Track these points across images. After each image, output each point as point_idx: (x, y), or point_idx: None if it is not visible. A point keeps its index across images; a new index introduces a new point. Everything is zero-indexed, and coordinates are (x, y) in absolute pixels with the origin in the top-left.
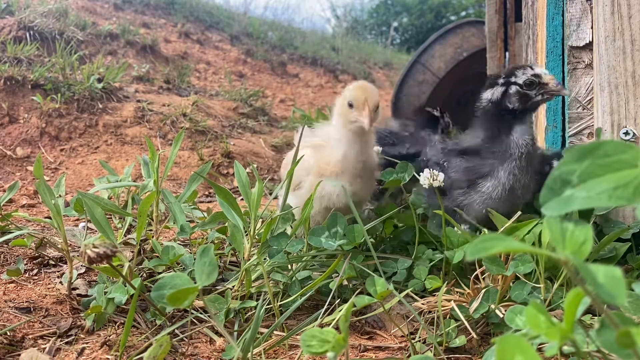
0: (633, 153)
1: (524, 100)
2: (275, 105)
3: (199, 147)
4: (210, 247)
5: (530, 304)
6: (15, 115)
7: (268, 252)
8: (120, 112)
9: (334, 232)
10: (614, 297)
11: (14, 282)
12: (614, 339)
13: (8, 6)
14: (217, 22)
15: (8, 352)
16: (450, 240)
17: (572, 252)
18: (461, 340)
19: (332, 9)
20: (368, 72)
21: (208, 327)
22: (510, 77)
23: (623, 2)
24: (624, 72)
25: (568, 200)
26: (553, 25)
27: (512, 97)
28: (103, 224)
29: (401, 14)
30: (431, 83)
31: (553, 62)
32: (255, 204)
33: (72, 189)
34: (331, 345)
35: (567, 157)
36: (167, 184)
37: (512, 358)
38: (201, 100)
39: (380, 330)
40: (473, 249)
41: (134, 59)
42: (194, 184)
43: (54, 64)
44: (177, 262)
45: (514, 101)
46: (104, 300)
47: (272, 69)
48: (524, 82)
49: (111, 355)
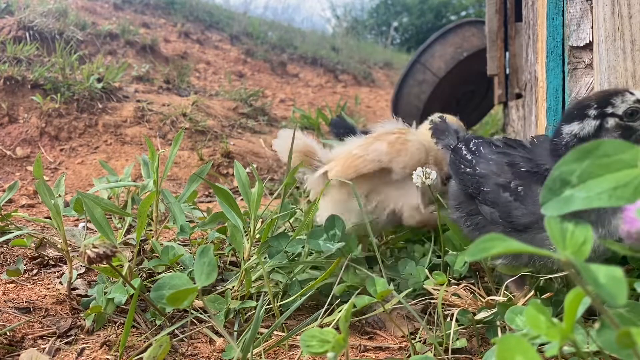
0: (633, 153)
1: (626, 134)
2: (275, 105)
3: (198, 147)
4: (210, 247)
5: (530, 304)
6: (15, 115)
7: (268, 252)
8: (120, 112)
9: (332, 234)
10: (615, 297)
11: (14, 282)
12: (614, 339)
13: (8, 6)
14: (217, 22)
15: (8, 352)
16: (453, 244)
17: (572, 252)
18: (462, 343)
19: (332, 8)
20: (368, 72)
21: (208, 327)
22: (605, 107)
23: (623, 2)
24: (624, 72)
25: (568, 200)
26: (553, 25)
27: (610, 133)
28: (103, 224)
29: (401, 14)
30: (431, 83)
31: (553, 62)
32: (255, 204)
33: (72, 189)
34: (331, 345)
35: (567, 157)
36: (167, 184)
37: (512, 358)
38: (201, 100)
39: (380, 330)
40: (474, 250)
41: (134, 59)
42: (193, 184)
43: (54, 64)
44: (177, 262)
45: (614, 137)
46: (103, 300)
47: (272, 68)
48: (625, 112)
49: (111, 355)
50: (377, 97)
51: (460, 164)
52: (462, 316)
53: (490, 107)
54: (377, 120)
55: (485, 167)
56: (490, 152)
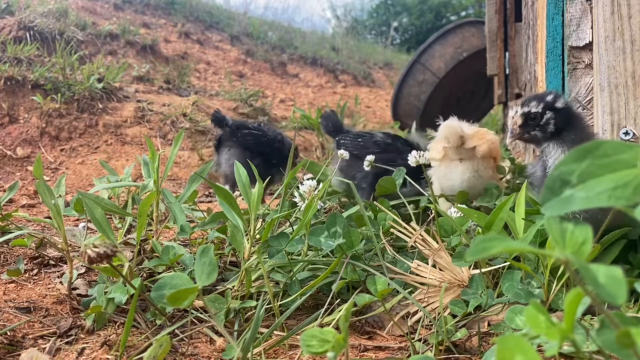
0: (632, 153)
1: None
2: (275, 105)
3: (199, 147)
4: (210, 247)
5: (530, 304)
6: (16, 115)
7: (268, 252)
8: (120, 112)
9: (333, 231)
10: (615, 297)
11: (14, 282)
12: (614, 339)
13: (8, 6)
14: (217, 22)
15: (8, 352)
16: (444, 229)
17: (572, 252)
18: (462, 333)
19: (332, 9)
20: (368, 72)
21: (208, 327)
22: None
23: (623, 3)
24: (624, 72)
25: (568, 201)
26: (553, 25)
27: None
28: (103, 224)
29: (401, 14)
30: (431, 83)
31: (553, 62)
32: (255, 204)
33: (72, 189)
34: (331, 345)
35: (567, 157)
36: (167, 184)
37: (512, 358)
38: (201, 100)
39: (380, 330)
40: (473, 250)
41: (134, 59)
42: (194, 184)
43: (54, 64)
44: (177, 262)
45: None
46: (104, 300)
47: (272, 69)
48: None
49: (111, 355)
50: (377, 97)
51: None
52: (454, 305)
53: (490, 107)
54: (377, 120)
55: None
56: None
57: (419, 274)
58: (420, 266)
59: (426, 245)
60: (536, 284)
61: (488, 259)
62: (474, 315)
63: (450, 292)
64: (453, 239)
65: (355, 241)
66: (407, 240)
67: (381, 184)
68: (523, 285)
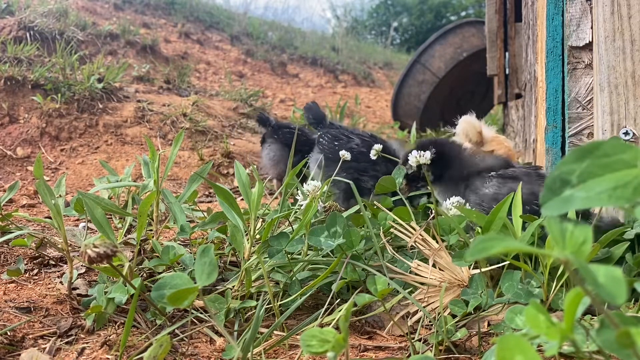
0: (632, 153)
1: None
2: (275, 105)
3: (199, 147)
4: (210, 247)
5: (530, 303)
6: (16, 115)
7: (268, 252)
8: (120, 112)
9: (333, 231)
10: (615, 297)
11: (14, 282)
12: (614, 339)
13: (8, 6)
14: (217, 22)
15: (8, 352)
16: (442, 228)
17: (572, 252)
18: (462, 333)
19: (332, 9)
20: (368, 72)
21: (208, 327)
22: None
23: (623, 3)
24: (624, 72)
25: (567, 200)
26: (553, 25)
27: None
28: (103, 224)
29: (401, 14)
30: (431, 83)
31: (553, 62)
32: (255, 204)
33: (72, 189)
34: (331, 345)
35: (567, 157)
36: (167, 184)
37: (512, 358)
38: (201, 100)
39: (380, 330)
40: (473, 250)
41: (134, 59)
42: (194, 184)
43: (54, 64)
44: (177, 262)
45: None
46: (104, 300)
47: (272, 69)
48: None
49: (111, 355)
50: (377, 97)
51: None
52: (454, 305)
53: (490, 107)
54: (377, 120)
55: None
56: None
57: (418, 273)
58: (420, 266)
59: (426, 245)
60: (536, 284)
61: (487, 259)
62: (474, 315)
63: (450, 292)
64: (451, 238)
65: (355, 241)
66: (407, 240)
67: (381, 184)
68: (523, 285)
